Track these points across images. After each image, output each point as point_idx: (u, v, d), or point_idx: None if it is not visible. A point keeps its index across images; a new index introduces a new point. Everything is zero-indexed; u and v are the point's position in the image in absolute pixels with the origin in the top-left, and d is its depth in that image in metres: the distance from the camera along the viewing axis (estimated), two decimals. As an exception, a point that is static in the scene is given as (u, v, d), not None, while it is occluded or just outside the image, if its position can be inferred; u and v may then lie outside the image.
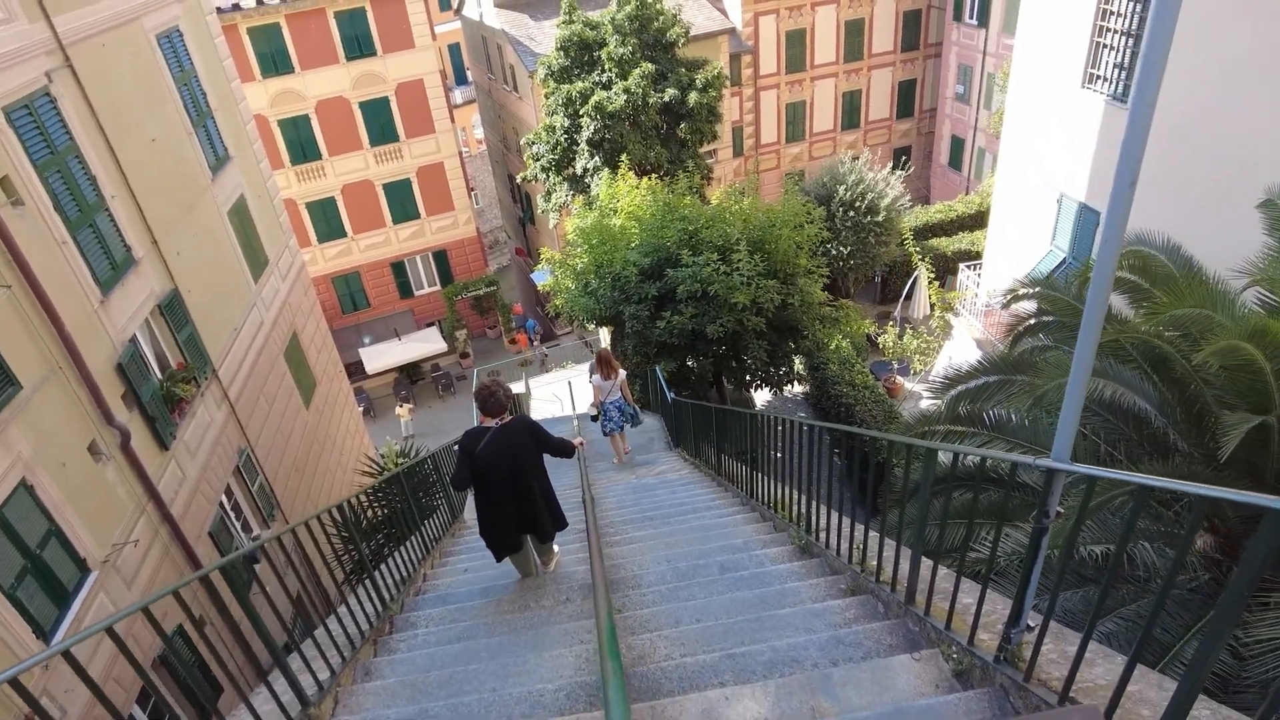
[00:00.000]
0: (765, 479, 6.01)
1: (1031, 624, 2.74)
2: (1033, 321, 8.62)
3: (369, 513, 7.91)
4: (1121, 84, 11.22)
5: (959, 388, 8.42)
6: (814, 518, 4.67)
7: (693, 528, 5.97)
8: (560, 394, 20.95)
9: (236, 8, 23.00)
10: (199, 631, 4.41)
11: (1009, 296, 9.24)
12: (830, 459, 4.15)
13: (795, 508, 4.88)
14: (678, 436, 10.99)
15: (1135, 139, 1.78)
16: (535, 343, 30.12)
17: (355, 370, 27.87)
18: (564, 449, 5.25)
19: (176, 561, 9.35)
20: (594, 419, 11.58)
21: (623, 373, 11.56)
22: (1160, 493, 7.10)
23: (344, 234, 27.39)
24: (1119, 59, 11.09)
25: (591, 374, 11.60)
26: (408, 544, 5.97)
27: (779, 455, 5.37)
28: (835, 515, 4.34)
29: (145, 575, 8.65)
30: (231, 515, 11.82)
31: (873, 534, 3.99)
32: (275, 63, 24.30)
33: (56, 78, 8.82)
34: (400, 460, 11.70)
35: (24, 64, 8.22)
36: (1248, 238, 7.65)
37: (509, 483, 5.03)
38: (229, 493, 11.88)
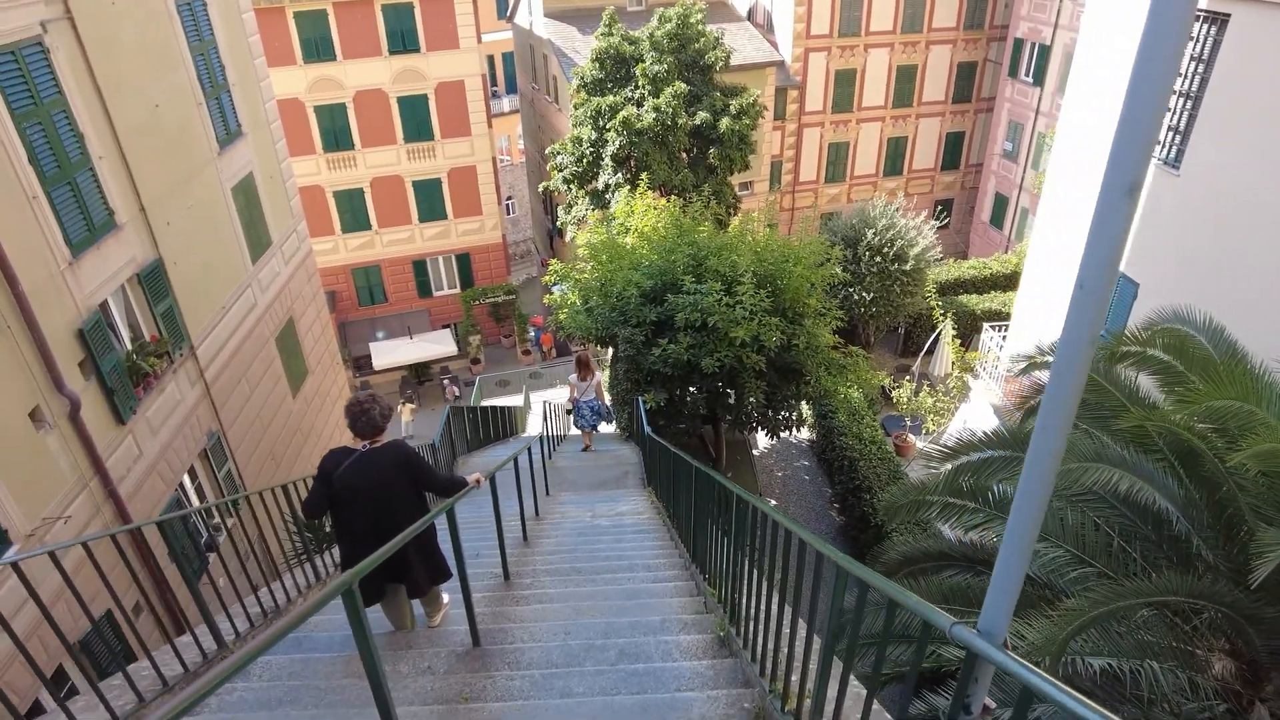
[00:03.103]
0: (702, 542, 5.20)
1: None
2: (1050, 394, 7.81)
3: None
4: (1175, 148, 10.43)
5: (962, 459, 7.66)
6: (739, 605, 3.79)
7: (617, 591, 5.19)
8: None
9: (286, -10, 23.00)
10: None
11: (1026, 363, 8.47)
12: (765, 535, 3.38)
13: (724, 587, 4.08)
14: (650, 474, 10.29)
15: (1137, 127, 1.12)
16: (545, 354, 29.55)
17: (364, 364, 27.63)
18: (449, 487, 4.53)
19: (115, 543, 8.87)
20: (569, 413, 13.15)
21: (599, 374, 12.85)
22: (1175, 604, 6.26)
23: (369, 226, 27.23)
24: (1173, 121, 10.31)
25: (571, 374, 13.01)
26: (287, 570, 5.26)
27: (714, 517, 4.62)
28: (759, 605, 3.36)
29: (74, 556, 8.14)
30: (194, 499, 11.33)
31: (795, 641, 3.15)
32: (318, 49, 24.29)
33: (53, 29, 8.56)
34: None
35: (15, 10, 7.94)
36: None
37: (369, 519, 4.29)
38: (193, 475, 11.41)
